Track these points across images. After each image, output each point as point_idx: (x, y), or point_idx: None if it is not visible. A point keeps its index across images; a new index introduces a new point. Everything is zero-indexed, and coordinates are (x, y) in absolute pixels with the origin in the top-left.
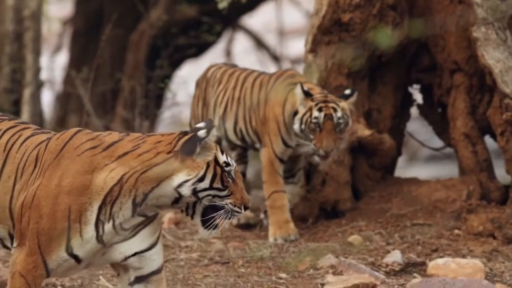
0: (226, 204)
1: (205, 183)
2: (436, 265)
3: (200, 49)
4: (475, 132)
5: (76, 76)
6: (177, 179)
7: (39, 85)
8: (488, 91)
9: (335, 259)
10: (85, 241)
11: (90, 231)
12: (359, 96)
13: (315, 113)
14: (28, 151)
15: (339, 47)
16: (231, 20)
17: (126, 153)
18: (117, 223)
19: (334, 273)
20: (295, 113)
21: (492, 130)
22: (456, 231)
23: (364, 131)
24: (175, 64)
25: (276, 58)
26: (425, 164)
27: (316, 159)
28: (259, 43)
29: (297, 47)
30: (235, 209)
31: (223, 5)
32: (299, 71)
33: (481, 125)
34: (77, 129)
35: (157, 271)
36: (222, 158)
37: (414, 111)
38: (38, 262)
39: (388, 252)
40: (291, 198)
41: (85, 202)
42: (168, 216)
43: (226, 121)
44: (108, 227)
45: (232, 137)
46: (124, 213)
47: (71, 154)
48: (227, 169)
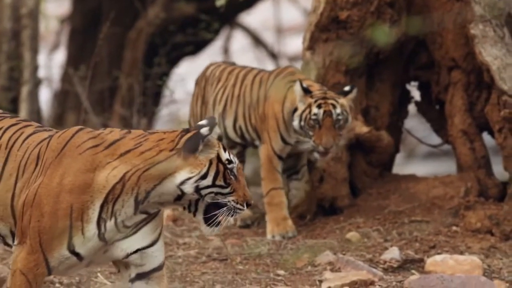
0: (229, 202)
1: (208, 181)
2: (434, 261)
3: (198, 46)
4: (473, 129)
5: (73, 74)
6: (179, 177)
7: (36, 83)
8: (486, 88)
9: (333, 256)
10: (87, 239)
11: (92, 229)
12: (357, 93)
13: (314, 109)
14: (29, 149)
15: (337, 44)
16: (228, 17)
17: (128, 151)
18: (119, 220)
19: (332, 270)
20: (294, 110)
21: (490, 127)
22: (454, 228)
23: (362, 128)
24: (173, 62)
25: (274, 56)
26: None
27: (315, 155)
28: (256, 40)
29: (295, 44)
30: (238, 206)
31: (220, 2)
32: (298, 68)
33: (479, 122)
34: (78, 127)
35: (159, 268)
36: (225, 156)
37: (412, 108)
38: (39, 261)
39: (386, 248)
40: (296, 193)
41: (87, 200)
42: (166, 213)
43: (225, 119)
44: (110, 224)
45: (232, 134)
46: (126, 210)
47: (72, 152)
48: (229, 166)
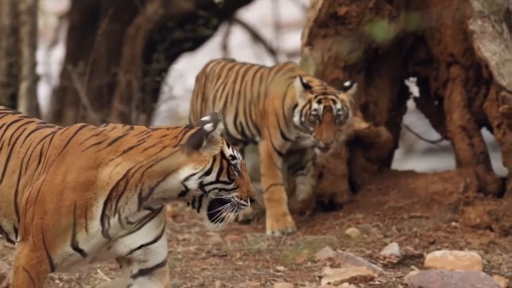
0: (233, 198)
1: (212, 177)
2: (434, 257)
3: (197, 43)
4: (471, 124)
5: (72, 70)
6: (183, 173)
7: (35, 79)
8: (485, 84)
9: (332, 252)
10: (90, 236)
11: (95, 226)
12: (357, 88)
13: (315, 105)
14: (32, 145)
15: (336, 40)
16: (227, 13)
17: (131, 148)
18: (122, 217)
19: (331, 266)
20: (295, 106)
21: (489, 122)
22: (454, 224)
23: (360, 124)
24: (172, 58)
25: (272, 52)
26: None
27: (316, 151)
28: (255, 36)
29: (293, 40)
30: (242, 202)
31: None
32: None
33: (477, 118)
34: (81, 124)
35: (162, 264)
36: (228, 152)
37: (410, 104)
38: (42, 258)
39: (386, 244)
40: (303, 188)
41: (90, 198)
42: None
43: (226, 115)
44: (113, 221)
45: (233, 131)
46: (130, 207)
47: (75, 150)
48: (233, 162)
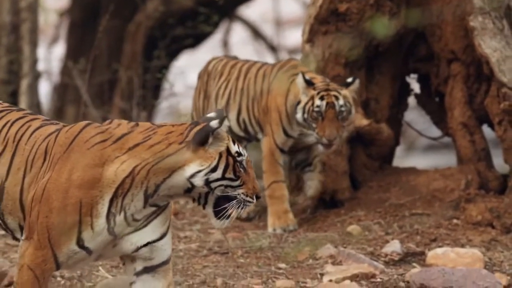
0: (239, 195)
1: (218, 174)
2: (435, 254)
3: (197, 39)
4: (472, 121)
5: (73, 67)
6: (189, 170)
7: (36, 76)
8: (486, 81)
9: (334, 249)
10: (96, 234)
11: (101, 224)
12: (359, 84)
13: (317, 101)
14: (37, 143)
15: (336, 37)
16: (228, 10)
17: (137, 145)
18: (128, 214)
19: (333, 263)
20: (297, 103)
21: (490, 119)
22: (455, 221)
23: (362, 121)
24: (172, 55)
25: (273, 49)
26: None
27: (319, 148)
28: (256, 33)
29: (294, 37)
30: (247, 199)
31: None
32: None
33: (478, 115)
34: (86, 122)
35: (166, 261)
36: (234, 148)
37: (411, 100)
38: (47, 256)
39: (387, 242)
40: (311, 184)
41: (96, 195)
42: None
43: (229, 112)
44: (119, 219)
45: (235, 128)
46: (135, 204)
47: (80, 147)
48: (239, 159)
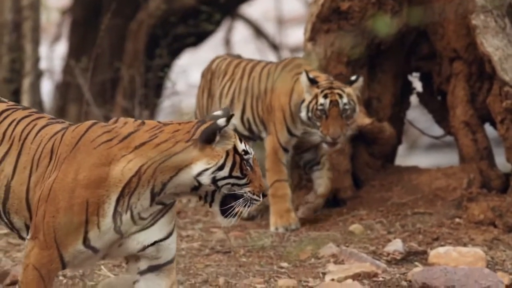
0: (245, 193)
1: (225, 172)
2: (437, 253)
3: (199, 38)
4: (475, 120)
5: (75, 65)
6: (196, 168)
7: (38, 74)
8: (488, 79)
9: (336, 248)
10: (102, 233)
11: (108, 223)
12: (363, 82)
13: (321, 100)
14: (43, 142)
15: (338, 35)
16: (230, 9)
17: (143, 144)
18: (135, 213)
19: (335, 262)
20: (302, 101)
21: (492, 118)
22: (457, 220)
23: (364, 120)
24: (174, 53)
25: (275, 47)
26: (425, 152)
27: (324, 146)
28: (258, 31)
29: (296, 35)
30: (254, 197)
31: None
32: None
33: (481, 113)
34: (92, 121)
35: (171, 261)
36: (241, 146)
37: (413, 99)
38: (53, 256)
39: (389, 241)
40: (321, 182)
41: (102, 195)
42: None
43: (233, 111)
44: (126, 217)
45: (240, 127)
46: (142, 203)
47: (87, 147)
48: (246, 157)
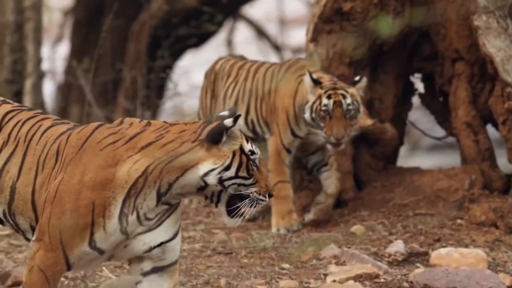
0: (251, 193)
1: (231, 172)
2: (439, 255)
3: (201, 39)
4: (477, 121)
5: (77, 66)
6: (202, 168)
7: (40, 75)
8: (490, 80)
9: (338, 249)
10: (108, 234)
11: (113, 224)
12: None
13: (324, 100)
14: (48, 143)
15: (340, 36)
16: (232, 9)
17: (149, 144)
18: (141, 214)
19: (337, 263)
20: (305, 102)
21: (494, 119)
22: (459, 221)
23: (366, 121)
24: (176, 54)
25: (277, 48)
26: (427, 153)
27: (328, 147)
28: (260, 32)
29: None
30: (260, 197)
31: None
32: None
33: (482, 114)
34: (98, 123)
35: (175, 262)
36: (248, 147)
37: (415, 100)
38: (59, 258)
39: (391, 242)
40: (330, 182)
41: (108, 196)
42: None
43: None
44: (132, 218)
45: (243, 128)
46: (148, 203)
47: (93, 149)
48: (252, 157)
